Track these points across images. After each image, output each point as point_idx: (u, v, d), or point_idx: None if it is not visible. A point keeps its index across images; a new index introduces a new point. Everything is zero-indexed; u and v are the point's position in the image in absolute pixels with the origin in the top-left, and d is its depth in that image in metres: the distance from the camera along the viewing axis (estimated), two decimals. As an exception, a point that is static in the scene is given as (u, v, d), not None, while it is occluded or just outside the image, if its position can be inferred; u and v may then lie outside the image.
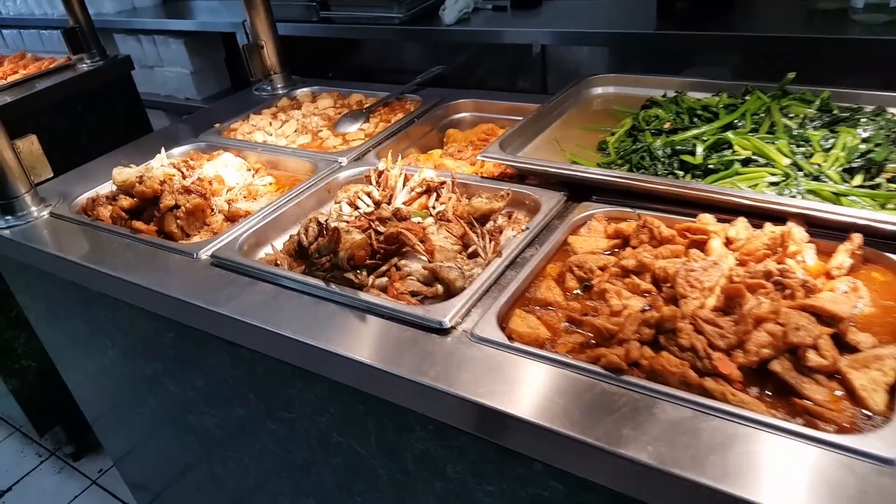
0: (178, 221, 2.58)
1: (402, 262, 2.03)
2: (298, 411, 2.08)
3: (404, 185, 2.57)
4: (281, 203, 2.61)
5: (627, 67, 3.55)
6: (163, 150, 3.14)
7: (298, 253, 2.20)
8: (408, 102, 3.57)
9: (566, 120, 2.86)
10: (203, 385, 2.40)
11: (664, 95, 2.71)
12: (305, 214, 2.61)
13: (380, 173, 2.64)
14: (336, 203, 2.59)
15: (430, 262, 2.01)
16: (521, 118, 3.24)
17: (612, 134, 2.55)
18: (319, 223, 2.19)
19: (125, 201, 2.69)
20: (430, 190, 2.46)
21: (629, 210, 2.14)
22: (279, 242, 2.46)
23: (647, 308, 1.63)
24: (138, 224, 2.56)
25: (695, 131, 2.32)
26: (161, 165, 2.96)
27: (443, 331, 1.73)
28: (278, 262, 2.24)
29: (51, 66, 4.69)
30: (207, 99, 5.77)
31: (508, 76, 4.45)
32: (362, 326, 1.81)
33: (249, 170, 3.08)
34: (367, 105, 3.57)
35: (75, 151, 4.06)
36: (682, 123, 2.41)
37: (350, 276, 1.95)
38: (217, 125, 3.57)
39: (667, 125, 2.41)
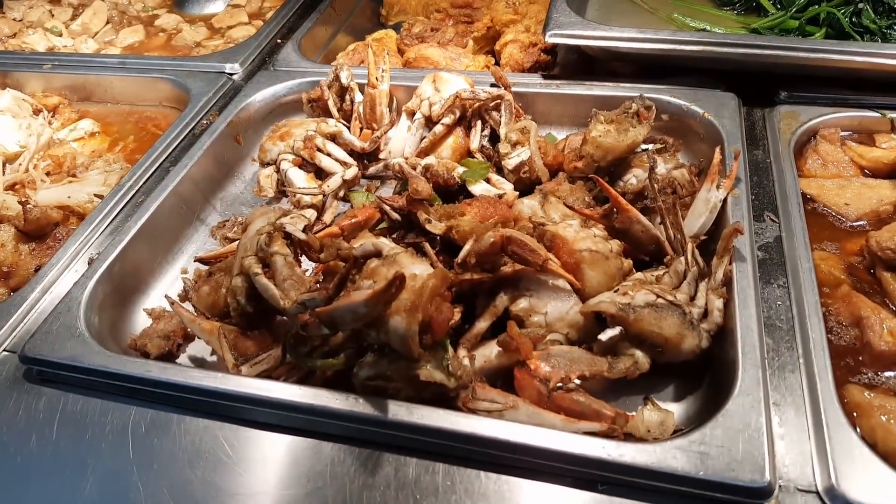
0: None
1: (522, 303, 0.95)
2: None
3: (394, 110, 1.40)
4: (140, 178, 1.33)
5: None
6: None
7: (249, 318, 1.01)
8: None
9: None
10: None
11: None
12: (206, 198, 1.36)
13: (341, 91, 1.42)
14: (266, 165, 1.37)
15: (581, 293, 0.95)
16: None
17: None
18: (289, 236, 1.00)
19: None
20: (468, 118, 1.32)
21: (872, 112, 1.21)
22: (168, 282, 1.22)
23: None
24: None
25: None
26: None
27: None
28: (201, 334, 1.04)
29: None
30: None
31: None
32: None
33: (39, 111, 1.67)
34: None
35: None
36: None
37: (432, 372, 0.85)
38: (-61, 27, 2.00)
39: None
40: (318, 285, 0.97)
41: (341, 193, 1.31)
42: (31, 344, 1.00)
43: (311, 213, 1.26)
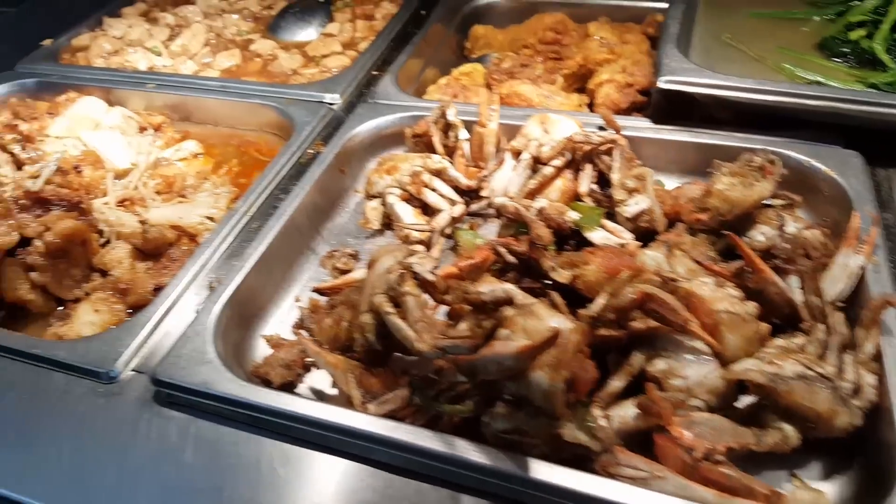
0: (36, 277, 1.22)
1: (660, 363, 0.91)
2: None
3: (496, 148, 1.38)
4: (253, 204, 1.32)
5: None
6: (-47, 106, 1.63)
7: (375, 355, 1.00)
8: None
9: (712, 2, 1.74)
10: None
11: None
12: (314, 228, 1.35)
13: (445, 127, 1.41)
14: (372, 198, 1.35)
15: (721, 357, 0.91)
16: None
17: (851, 27, 1.49)
18: (417, 276, 0.98)
19: None
20: (576, 160, 1.29)
21: None
22: (284, 310, 1.20)
23: None
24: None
25: None
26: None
27: None
28: (326, 367, 1.02)
29: None
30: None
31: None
32: None
33: (144, 129, 1.68)
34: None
35: None
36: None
37: (576, 433, 0.81)
38: (47, 42, 2.04)
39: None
40: (449, 328, 0.94)
41: (448, 230, 1.29)
42: (163, 367, 0.99)
43: (421, 249, 1.25)
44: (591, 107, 1.66)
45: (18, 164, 1.51)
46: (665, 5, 1.96)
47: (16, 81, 1.86)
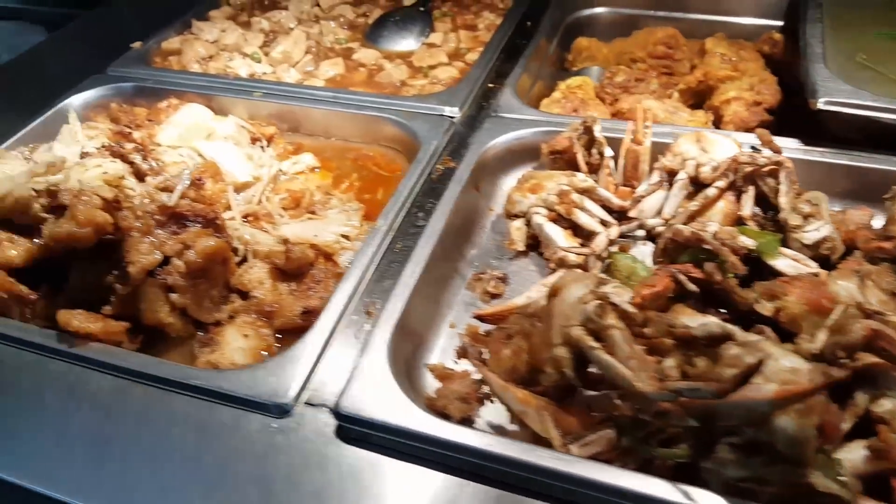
0: (177, 299, 1.17)
1: (886, 404, 0.87)
2: None
3: (648, 168, 1.33)
4: (393, 223, 1.28)
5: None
6: (72, 113, 1.58)
7: (565, 390, 0.95)
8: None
9: (836, 17, 1.68)
10: None
11: None
12: (457, 249, 1.30)
13: (588, 143, 1.36)
14: (513, 217, 1.31)
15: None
16: (693, 15, 2.06)
17: None
18: (613, 305, 0.93)
19: (14, 249, 1.19)
20: (736, 182, 1.24)
21: None
22: (443, 338, 1.15)
23: None
24: (71, 317, 1.10)
25: None
26: (84, 150, 1.44)
27: None
28: (513, 404, 0.97)
29: None
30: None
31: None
32: None
33: (256, 140, 1.64)
34: (411, -5, 2.12)
35: None
36: None
37: (827, 482, 0.77)
38: (137, 45, 2.00)
39: None
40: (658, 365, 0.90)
41: (604, 254, 1.24)
42: (347, 400, 0.94)
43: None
44: (715, 124, 1.61)
45: (139, 176, 1.46)
46: (771, 22, 1.94)
47: (112, 85, 1.81)
